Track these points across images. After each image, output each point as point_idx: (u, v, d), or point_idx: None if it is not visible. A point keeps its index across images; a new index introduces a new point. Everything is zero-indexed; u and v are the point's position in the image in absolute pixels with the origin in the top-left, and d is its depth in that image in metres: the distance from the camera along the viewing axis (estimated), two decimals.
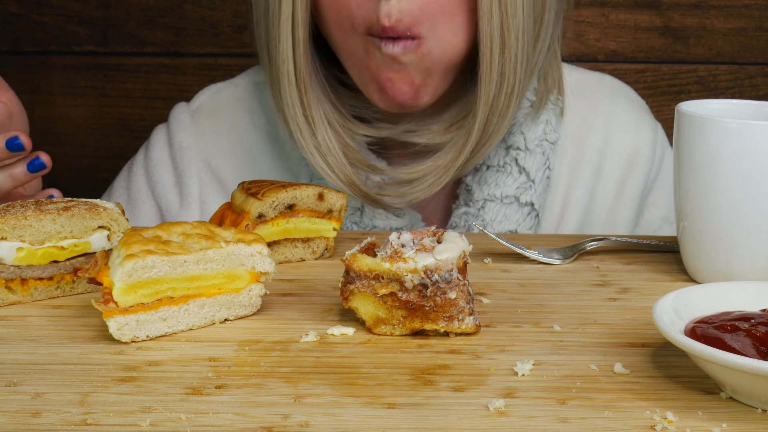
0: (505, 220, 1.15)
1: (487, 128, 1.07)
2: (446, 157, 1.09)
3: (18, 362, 0.73)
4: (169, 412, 0.65)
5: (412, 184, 1.10)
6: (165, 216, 1.23)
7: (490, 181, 1.15)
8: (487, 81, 1.04)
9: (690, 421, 0.64)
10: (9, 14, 1.55)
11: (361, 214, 1.15)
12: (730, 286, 0.77)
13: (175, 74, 1.40)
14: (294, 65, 1.06)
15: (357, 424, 0.64)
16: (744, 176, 0.85)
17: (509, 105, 1.07)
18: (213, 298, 0.81)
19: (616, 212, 1.22)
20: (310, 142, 1.09)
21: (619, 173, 1.22)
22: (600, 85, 1.26)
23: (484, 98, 1.05)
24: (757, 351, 0.66)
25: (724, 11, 1.55)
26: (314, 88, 1.09)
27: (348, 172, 1.10)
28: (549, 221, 1.20)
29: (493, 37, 1.02)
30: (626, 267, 0.96)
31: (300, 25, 1.05)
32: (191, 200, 1.22)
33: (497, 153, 1.16)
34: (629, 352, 0.75)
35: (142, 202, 1.24)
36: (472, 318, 0.78)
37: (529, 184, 1.16)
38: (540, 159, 1.16)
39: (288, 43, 1.05)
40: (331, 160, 1.09)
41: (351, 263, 0.78)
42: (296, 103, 1.08)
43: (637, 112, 1.26)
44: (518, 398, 0.68)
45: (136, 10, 1.55)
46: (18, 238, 0.84)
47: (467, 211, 1.16)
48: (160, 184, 1.23)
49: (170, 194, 1.23)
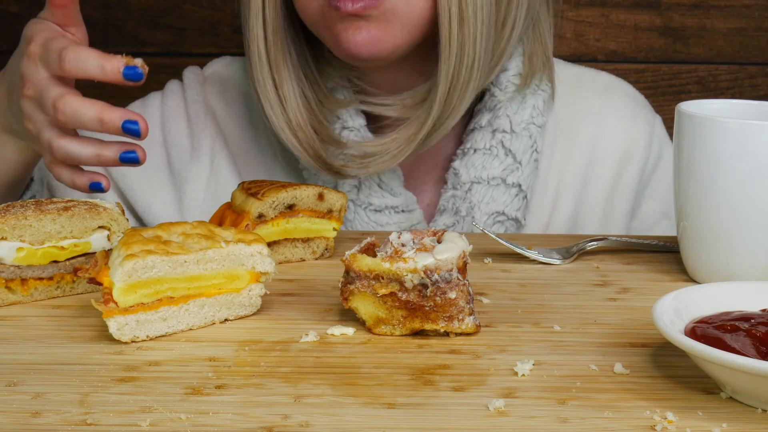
0: (492, 202, 1.17)
1: (449, 101, 1.09)
2: (408, 131, 1.11)
3: (18, 362, 0.73)
4: (169, 412, 0.65)
5: (374, 156, 1.12)
6: (173, 163, 1.23)
7: (477, 163, 1.17)
8: (447, 55, 1.06)
9: (690, 421, 0.64)
10: (9, 14, 1.55)
11: (357, 192, 1.16)
12: (730, 286, 0.77)
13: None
14: (265, 43, 1.10)
15: (357, 424, 0.64)
16: (744, 176, 0.85)
17: (470, 79, 1.08)
18: (213, 298, 0.81)
19: (612, 204, 1.23)
20: (282, 118, 1.12)
21: (614, 165, 1.23)
22: (594, 79, 1.28)
23: (444, 72, 1.07)
24: (757, 351, 0.66)
25: (724, 11, 1.55)
26: (287, 65, 1.12)
27: (317, 147, 1.12)
28: (540, 208, 1.21)
29: (452, 10, 1.04)
30: (626, 267, 0.96)
31: (270, 6, 1.08)
32: (202, 154, 1.23)
33: (483, 136, 1.17)
34: (629, 352, 0.75)
35: (152, 146, 1.23)
36: (472, 318, 0.78)
37: (515, 165, 1.17)
38: (527, 141, 1.18)
39: (258, 22, 1.09)
40: (301, 135, 1.12)
41: (351, 263, 0.78)
42: (267, 80, 1.11)
43: (632, 105, 1.27)
44: (518, 398, 0.68)
45: (136, 10, 1.55)
46: (18, 238, 0.84)
47: (455, 194, 1.17)
48: (174, 131, 1.24)
49: (183, 144, 1.24)
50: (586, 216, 1.22)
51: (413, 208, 1.18)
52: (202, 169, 1.23)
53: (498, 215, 1.17)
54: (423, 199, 1.22)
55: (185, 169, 1.23)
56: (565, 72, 1.25)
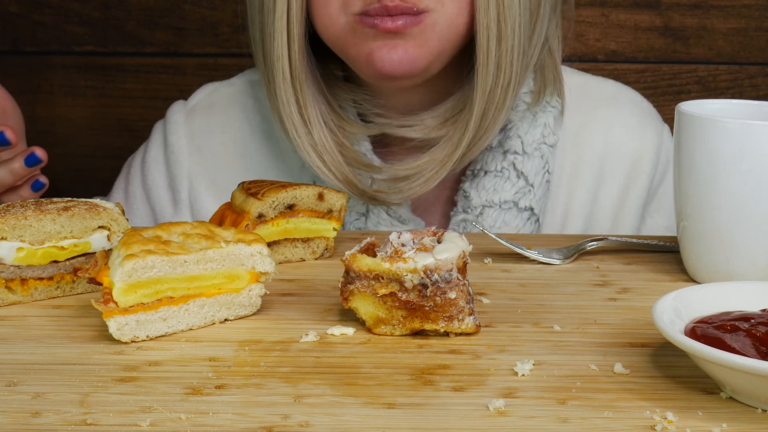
0: (504, 226, 1.14)
1: (483, 122, 1.07)
2: (442, 152, 1.09)
3: (18, 362, 0.73)
4: (169, 412, 0.65)
5: (409, 179, 1.09)
6: (159, 221, 1.23)
7: (488, 186, 1.14)
8: (484, 73, 1.04)
9: (690, 421, 0.64)
10: (9, 14, 1.55)
11: (365, 220, 1.14)
12: (730, 286, 0.77)
13: (175, 74, 1.40)
14: (289, 62, 1.06)
15: (357, 424, 0.64)
16: (744, 176, 0.85)
17: (506, 98, 1.06)
18: (213, 298, 0.81)
19: (619, 220, 1.20)
20: (306, 140, 1.08)
21: (623, 179, 1.21)
22: (601, 90, 1.25)
23: (481, 90, 1.05)
24: (757, 351, 0.66)
25: (724, 11, 1.55)
26: (310, 85, 1.08)
27: (345, 171, 1.09)
28: (550, 227, 1.19)
29: (490, 28, 1.02)
30: (626, 267, 0.96)
31: (295, 22, 1.04)
32: (182, 206, 1.22)
33: (494, 158, 1.15)
34: (629, 352, 0.75)
35: (138, 206, 1.24)
36: (472, 318, 0.78)
37: (528, 188, 1.15)
38: (538, 162, 1.15)
39: (283, 39, 1.05)
40: (328, 158, 1.09)
41: (351, 263, 0.78)
42: (291, 101, 1.07)
43: (640, 116, 1.24)
44: (518, 398, 0.68)
45: (136, 10, 1.55)
46: (18, 238, 0.84)
47: (465, 217, 1.15)
48: (155, 188, 1.23)
49: (163, 199, 1.23)
50: (594, 233, 1.20)
51: None
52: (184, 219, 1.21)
53: None
54: (431, 222, 1.19)
55: None
56: (573, 81, 1.22)
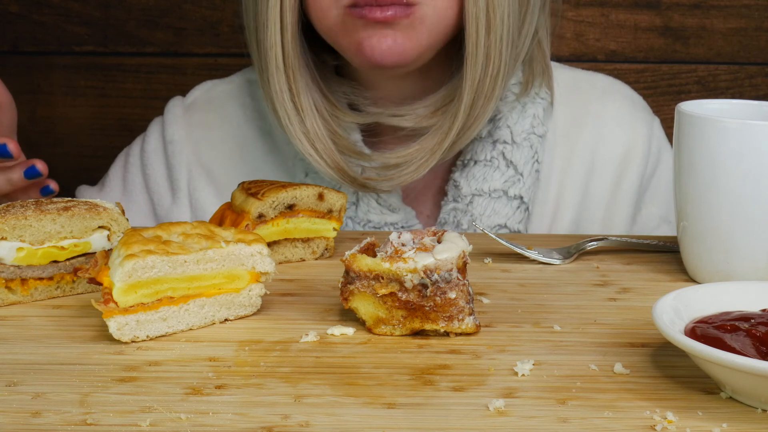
0: (494, 215, 1.16)
1: (473, 111, 1.08)
2: (432, 141, 1.10)
3: (18, 362, 0.73)
4: (169, 412, 0.65)
5: (400, 167, 1.11)
6: (157, 210, 1.24)
7: (477, 175, 1.16)
8: (473, 63, 1.05)
9: (690, 421, 0.64)
10: (9, 14, 1.55)
11: (356, 208, 1.16)
12: (730, 286, 0.77)
13: (175, 74, 1.40)
14: (282, 50, 1.07)
15: (357, 424, 0.64)
16: (744, 176, 0.85)
17: (494, 87, 1.07)
18: (213, 298, 0.81)
19: (612, 211, 1.22)
20: (299, 128, 1.09)
21: (614, 171, 1.22)
22: (592, 83, 1.26)
23: (470, 80, 1.06)
24: (757, 351, 0.66)
25: (724, 11, 1.55)
26: (303, 74, 1.09)
27: (336, 158, 1.10)
28: (541, 216, 1.20)
29: (479, 18, 1.03)
30: (626, 267, 0.96)
31: (288, 11, 1.05)
32: (181, 195, 1.23)
33: (484, 148, 1.16)
34: (629, 352, 0.75)
35: (137, 195, 1.25)
36: (472, 318, 0.78)
37: (517, 177, 1.16)
38: (528, 152, 1.16)
39: (276, 28, 1.06)
40: (320, 146, 1.10)
41: (351, 263, 0.78)
42: (284, 89, 1.08)
43: (630, 108, 1.25)
44: (518, 398, 0.68)
45: (136, 10, 1.55)
46: (18, 238, 0.84)
47: (455, 206, 1.16)
48: (153, 178, 1.24)
49: (162, 188, 1.24)
50: (587, 223, 1.21)
51: (413, 222, 1.17)
52: (182, 209, 1.22)
53: (500, 228, 1.16)
54: (422, 211, 1.20)
55: (167, 216, 1.23)
56: (562, 76, 1.24)
